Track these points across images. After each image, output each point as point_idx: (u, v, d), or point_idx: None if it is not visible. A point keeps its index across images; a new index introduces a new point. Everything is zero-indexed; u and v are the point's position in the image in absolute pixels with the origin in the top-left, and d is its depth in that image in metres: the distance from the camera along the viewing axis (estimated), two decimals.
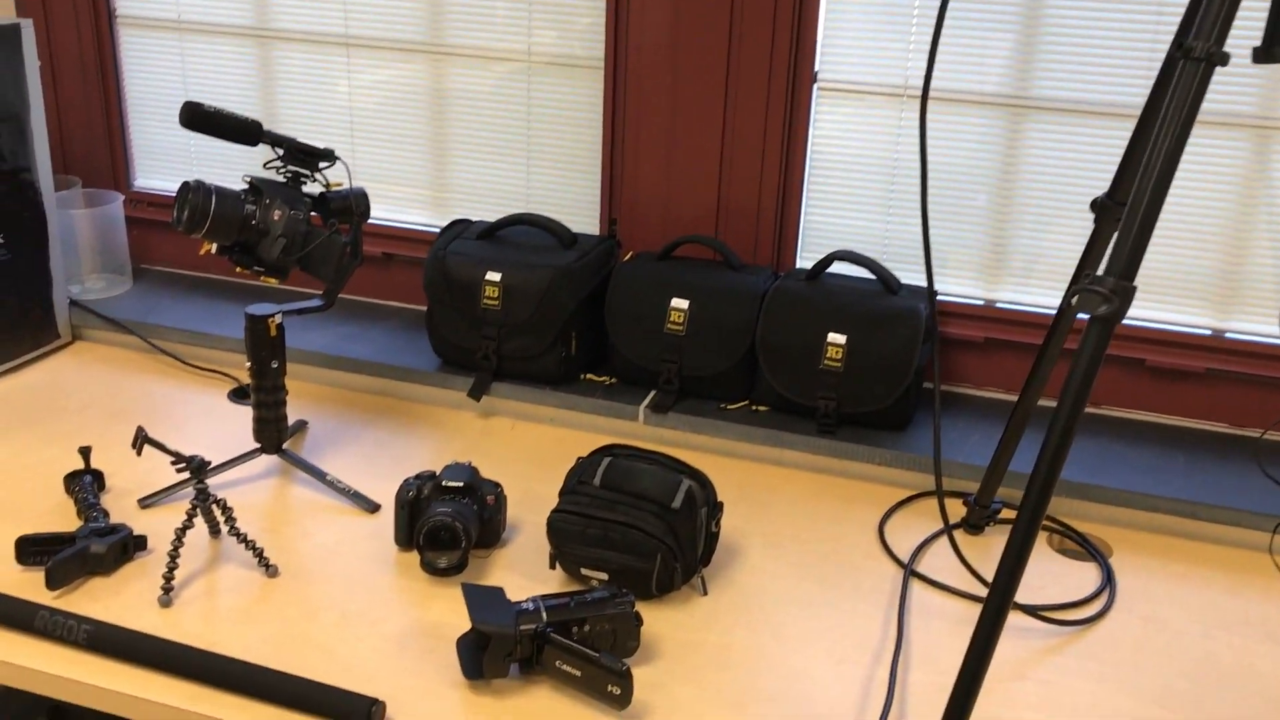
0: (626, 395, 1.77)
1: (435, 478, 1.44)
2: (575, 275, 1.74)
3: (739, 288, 1.71)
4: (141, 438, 1.29)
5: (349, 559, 1.43)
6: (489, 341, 1.76)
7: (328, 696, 1.14)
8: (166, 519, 1.49)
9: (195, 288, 2.11)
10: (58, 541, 1.36)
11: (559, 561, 1.37)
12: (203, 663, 1.18)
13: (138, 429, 1.30)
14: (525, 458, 1.69)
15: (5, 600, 1.25)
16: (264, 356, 1.52)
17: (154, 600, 1.32)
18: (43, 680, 1.21)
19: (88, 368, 1.91)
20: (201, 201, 1.38)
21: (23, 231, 1.84)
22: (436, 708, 1.18)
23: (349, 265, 1.50)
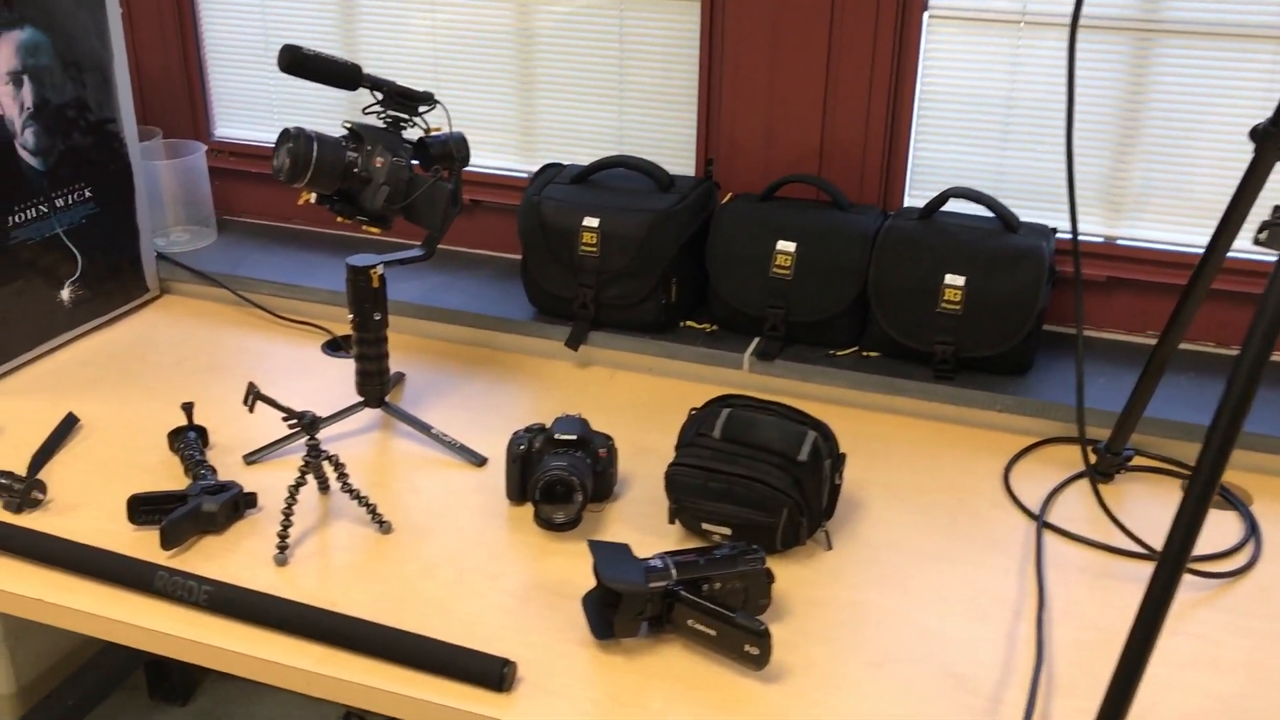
0: (729, 343, 1.71)
1: (546, 431, 1.39)
2: (675, 219, 1.67)
3: (848, 228, 1.64)
4: (254, 394, 1.26)
5: (460, 514, 1.39)
6: (586, 289, 1.70)
7: (458, 657, 1.11)
8: (272, 475, 1.46)
9: (281, 239, 2.07)
10: (169, 500, 1.34)
11: (678, 516, 1.32)
12: (329, 623, 1.15)
13: (249, 385, 1.27)
14: (627, 408, 1.64)
15: (123, 561, 1.23)
16: (366, 309, 1.48)
17: (269, 559, 1.30)
18: (162, 640, 1.19)
19: (178, 322, 1.88)
20: (303, 149, 1.33)
21: (109, 184, 1.81)
22: (565, 667, 1.14)
23: (452, 213, 1.45)
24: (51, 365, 1.73)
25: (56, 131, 1.69)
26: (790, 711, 1.10)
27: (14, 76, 1.61)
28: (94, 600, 1.23)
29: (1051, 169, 1.69)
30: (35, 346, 1.73)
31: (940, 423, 1.61)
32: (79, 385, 1.67)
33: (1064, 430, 1.57)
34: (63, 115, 1.70)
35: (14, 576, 1.26)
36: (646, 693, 1.11)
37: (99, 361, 1.75)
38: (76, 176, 1.75)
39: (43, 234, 1.70)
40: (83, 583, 1.25)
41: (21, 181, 1.65)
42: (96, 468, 1.47)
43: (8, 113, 1.61)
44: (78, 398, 1.64)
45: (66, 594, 1.23)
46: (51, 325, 1.75)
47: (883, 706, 1.11)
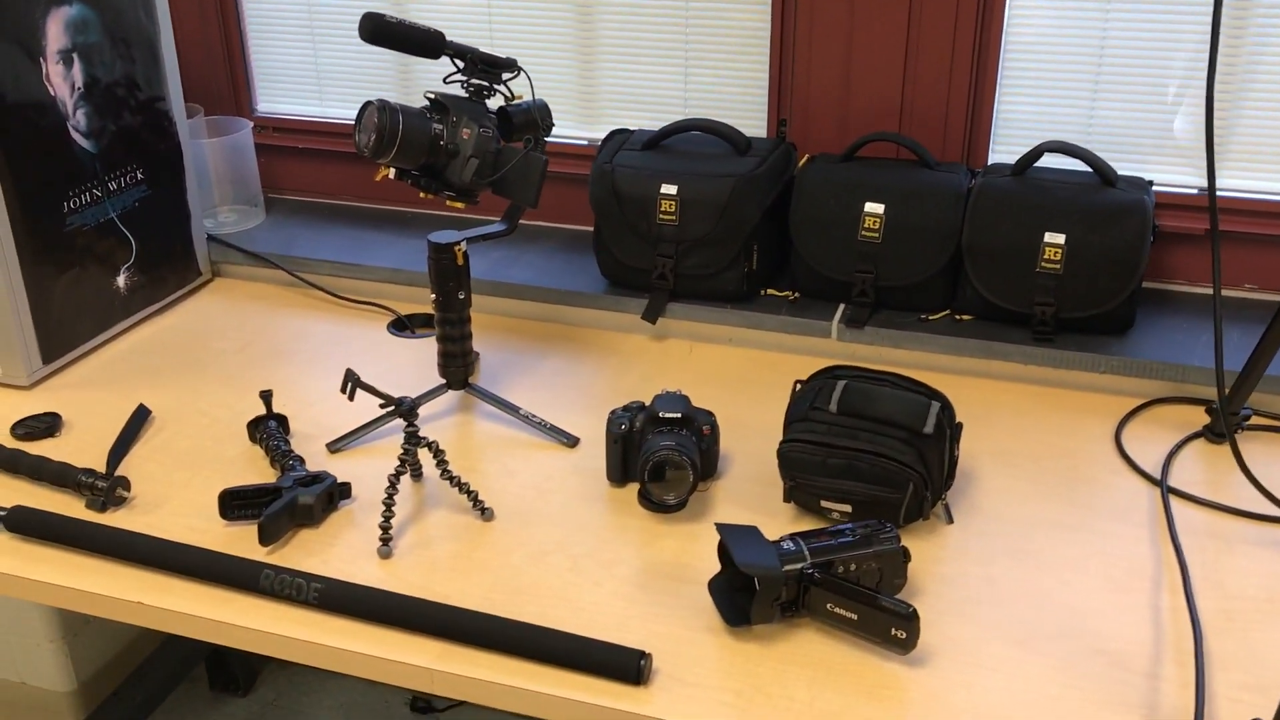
0: (813, 310, 1.65)
1: (646, 409, 1.34)
2: (758, 183, 1.61)
3: (938, 188, 1.58)
4: (353, 381, 1.20)
5: (560, 497, 1.34)
6: (665, 260, 1.64)
7: (592, 650, 1.06)
8: (359, 463, 1.41)
9: (332, 216, 2.01)
10: (262, 494, 1.28)
11: (794, 494, 1.27)
12: (450, 618, 1.10)
13: (348, 372, 1.21)
14: (711, 381, 1.59)
15: (227, 560, 1.18)
16: (450, 287, 1.42)
17: (370, 552, 1.24)
18: (272, 642, 1.14)
19: (234, 306, 1.82)
20: (389, 122, 1.26)
21: (160, 165, 1.74)
22: (698, 656, 1.09)
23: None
24: (111, 355, 1.67)
25: (107, 112, 1.63)
26: (941, 695, 1.05)
27: (64, 55, 1.54)
28: (195, 602, 1.17)
29: (1143, 119, 1.63)
30: (94, 336, 1.67)
31: (1040, 386, 1.56)
32: (143, 375, 1.61)
33: (1171, 390, 1.52)
34: (113, 94, 1.63)
35: (110, 579, 1.20)
36: (788, 680, 1.07)
37: (160, 350, 1.69)
38: (128, 158, 1.68)
39: (97, 219, 1.63)
40: (181, 583, 1.20)
41: (76, 165, 1.58)
42: (176, 461, 1.41)
43: (59, 93, 1.54)
44: (143, 388, 1.58)
45: (167, 596, 1.18)
46: (109, 314, 1.69)
47: (1037, 687, 1.06)
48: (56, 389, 1.58)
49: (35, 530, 1.24)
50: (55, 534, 1.23)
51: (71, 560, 1.24)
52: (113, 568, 1.22)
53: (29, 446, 1.43)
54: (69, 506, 1.32)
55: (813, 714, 1.03)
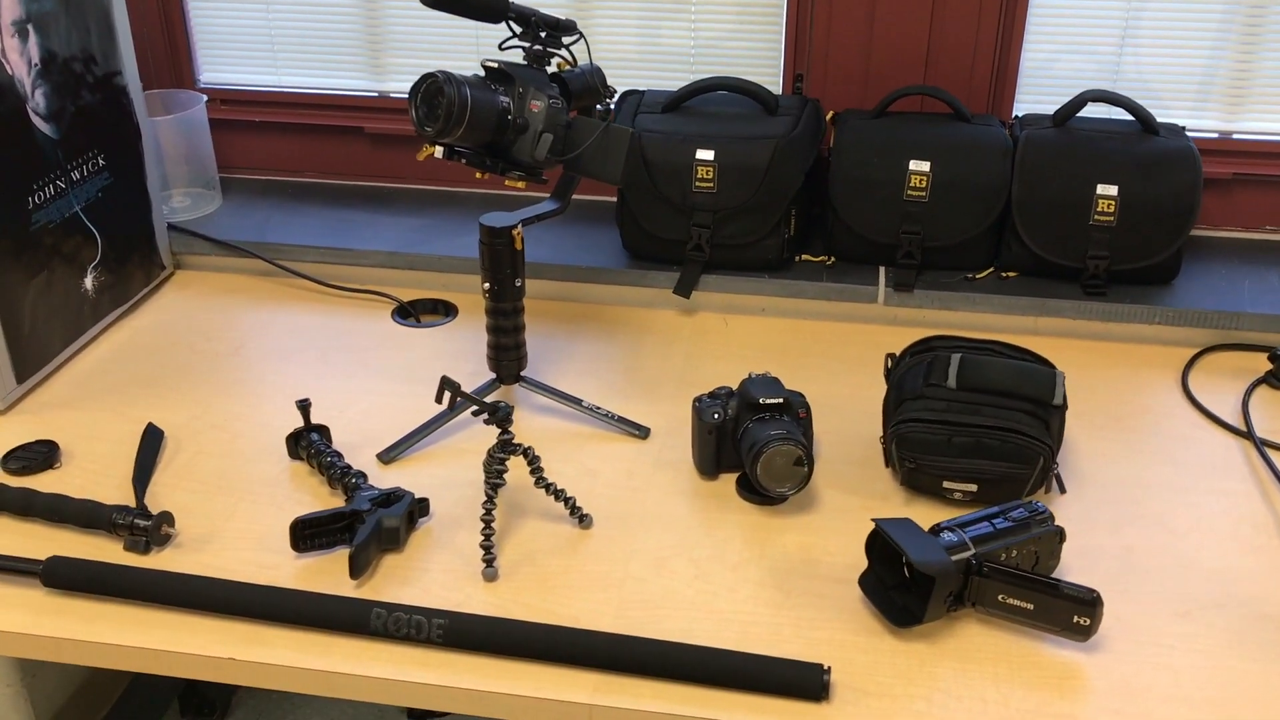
0: (855, 275, 1.58)
1: (736, 395, 1.25)
2: (798, 145, 1.52)
3: (983, 143, 1.53)
4: (451, 389, 1.07)
5: (654, 495, 1.24)
6: (701, 230, 1.55)
7: (769, 669, 0.98)
8: (415, 472, 1.28)
9: (299, 196, 1.82)
10: (336, 520, 1.14)
11: (914, 477, 1.21)
12: (606, 647, 1.00)
13: (444, 379, 1.07)
14: (757, 356, 1.50)
15: (329, 602, 1.04)
16: (507, 275, 1.29)
17: (473, 574, 1.12)
18: (394, 690, 1.01)
19: (209, 301, 1.64)
20: (458, 96, 1.12)
21: (120, 149, 1.54)
22: (868, 663, 1.02)
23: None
24: (87, 367, 1.47)
25: (66, 91, 1.42)
26: (1132, 679, 1.01)
27: (19, 26, 1.33)
28: (295, 652, 1.03)
29: (1173, 64, 1.61)
30: (65, 347, 1.47)
31: (1090, 341, 1.53)
32: (132, 388, 1.43)
33: (1220, 338, 1.52)
34: (70, 70, 1.42)
35: (185, 633, 1.05)
36: (971, 680, 1.01)
37: (140, 357, 1.50)
38: (90, 143, 1.47)
39: (62, 214, 1.43)
40: (271, 631, 1.05)
41: (37, 154, 1.38)
42: (208, 487, 1.25)
43: (16, 72, 1.33)
44: (140, 404, 1.40)
45: (260, 648, 1.03)
46: (79, 320, 1.49)
47: (1219, 661, 1.03)
48: (37, 411, 1.38)
49: (82, 583, 1.07)
50: (108, 586, 1.07)
51: (127, 615, 1.07)
52: (181, 619, 1.07)
53: (27, 481, 1.25)
54: (102, 550, 1.15)
55: (1008, 714, 0.98)
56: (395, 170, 1.83)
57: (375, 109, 1.82)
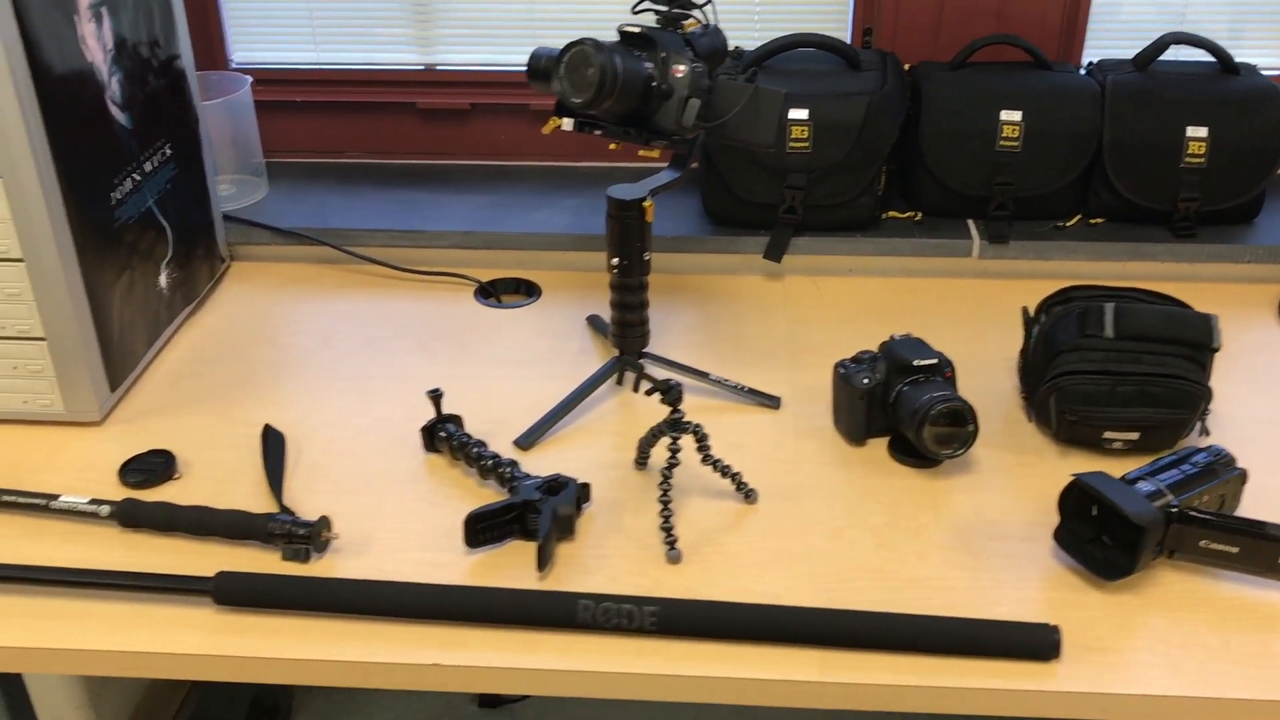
0: (945, 230, 1.57)
1: (882, 358, 1.23)
2: (890, 100, 1.50)
3: (1071, 90, 1.52)
4: (633, 370, 1.03)
5: (808, 466, 1.22)
6: (795, 191, 1.52)
7: (999, 633, 0.96)
8: (554, 456, 1.23)
9: (345, 178, 1.74)
10: (505, 512, 1.10)
11: (1076, 428, 1.20)
12: (830, 623, 0.97)
13: (622, 360, 1.03)
14: (858, 318, 1.48)
15: (534, 598, 1.00)
16: (636, 249, 1.25)
17: (652, 558, 1.09)
18: (609, 682, 0.98)
19: (277, 293, 1.56)
20: (608, 63, 1.07)
21: (182, 137, 1.45)
22: (1083, 618, 1.01)
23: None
24: (170, 370, 1.39)
25: (137, 77, 1.33)
26: None
27: (94, 11, 1.23)
28: (499, 651, 0.98)
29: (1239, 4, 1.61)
30: (147, 350, 1.39)
31: (1179, 282, 1.54)
32: (227, 390, 1.35)
33: None
34: (139, 55, 1.33)
35: (379, 643, 1.00)
36: (1188, 628, 1.00)
37: (226, 355, 1.42)
38: (158, 132, 1.38)
39: (139, 209, 1.34)
40: (471, 633, 1.00)
41: (116, 145, 1.29)
42: (346, 487, 1.19)
43: (94, 58, 1.24)
44: (242, 406, 1.32)
45: (463, 651, 0.99)
46: (157, 321, 1.40)
47: None
48: (134, 420, 1.31)
49: (258, 598, 1.01)
50: (286, 599, 1.01)
51: (307, 627, 1.02)
52: (367, 628, 1.01)
53: (148, 494, 1.18)
54: (257, 562, 1.09)
55: (1234, 658, 0.98)
56: (448, 146, 1.77)
57: (425, 83, 1.74)
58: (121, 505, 1.11)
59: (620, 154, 1.75)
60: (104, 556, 1.10)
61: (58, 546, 1.11)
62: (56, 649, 1.01)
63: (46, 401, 1.27)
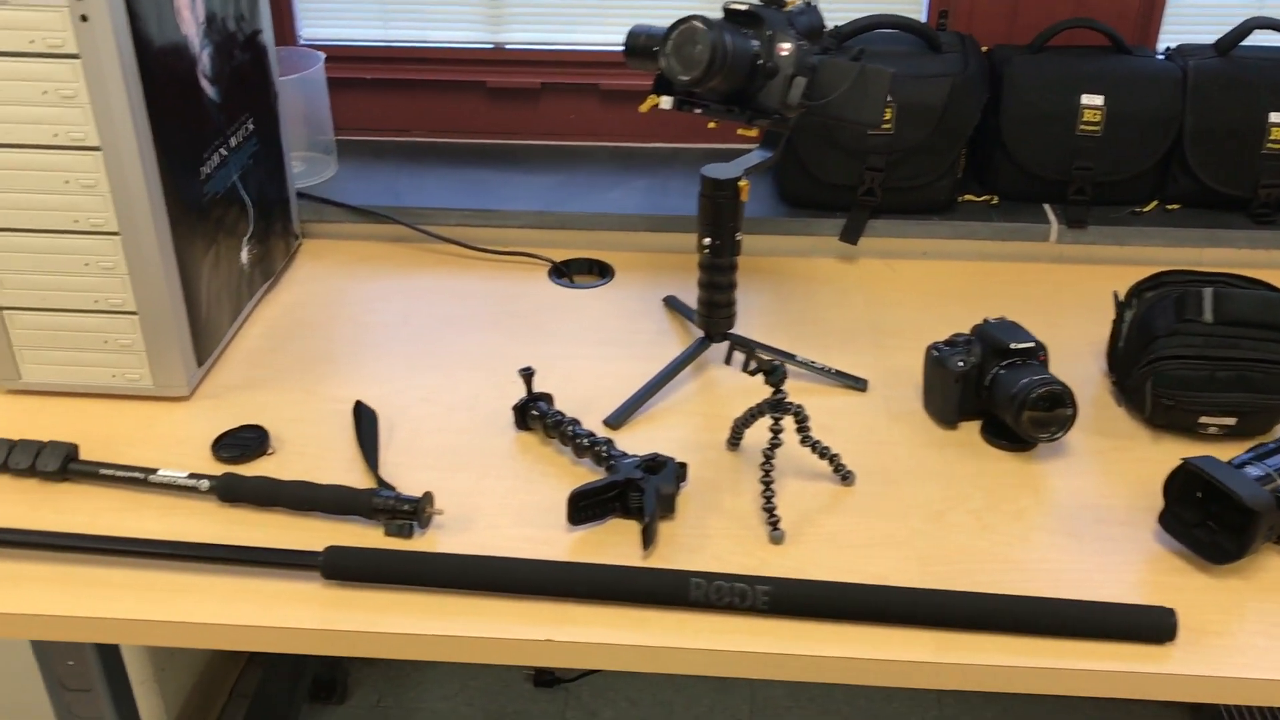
0: (1022, 214, 1.56)
1: (975, 341, 1.23)
2: (973, 82, 1.49)
3: (1153, 74, 1.51)
4: (744, 349, 1.03)
5: (902, 448, 1.22)
6: (874, 173, 1.51)
7: (1116, 616, 0.97)
8: (643, 435, 1.23)
9: (413, 157, 1.74)
10: (609, 489, 1.10)
11: (1169, 414, 1.20)
12: (944, 604, 0.97)
13: (733, 339, 1.03)
14: (936, 301, 1.48)
15: (646, 575, 1.00)
16: (729, 228, 1.24)
17: (754, 538, 1.09)
18: (720, 660, 0.98)
19: (351, 270, 1.56)
20: (718, 40, 1.07)
21: (263, 112, 1.45)
22: (1192, 601, 1.01)
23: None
24: (252, 346, 1.39)
25: (224, 51, 1.32)
26: None
27: None
28: (611, 629, 0.99)
29: None
30: (230, 325, 1.39)
31: (1256, 269, 1.52)
32: (312, 365, 1.35)
33: None
34: (226, 29, 1.33)
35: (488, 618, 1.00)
36: None
37: (305, 331, 1.42)
38: (242, 107, 1.38)
39: (225, 184, 1.34)
40: (580, 609, 1.01)
41: (207, 119, 1.29)
42: (440, 463, 1.19)
43: (188, 30, 1.23)
44: (327, 382, 1.32)
45: (575, 627, 0.98)
46: (238, 296, 1.40)
47: None
48: (220, 395, 1.30)
49: (368, 573, 1.01)
50: (397, 574, 1.01)
51: (415, 603, 1.01)
52: (475, 604, 1.01)
53: (242, 469, 1.18)
54: (359, 537, 1.09)
55: None
56: (516, 126, 1.76)
57: (493, 61, 1.74)
58: (222, 479, 1.11)
59: (688, 134, 1.75)
60: (203, 530, 1.10)
61: (158, 520, 1.12)
62: (165, 621, 1.01)
63: (135, 376, 1.27)
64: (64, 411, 1.27)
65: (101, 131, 1.13)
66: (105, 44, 1.09)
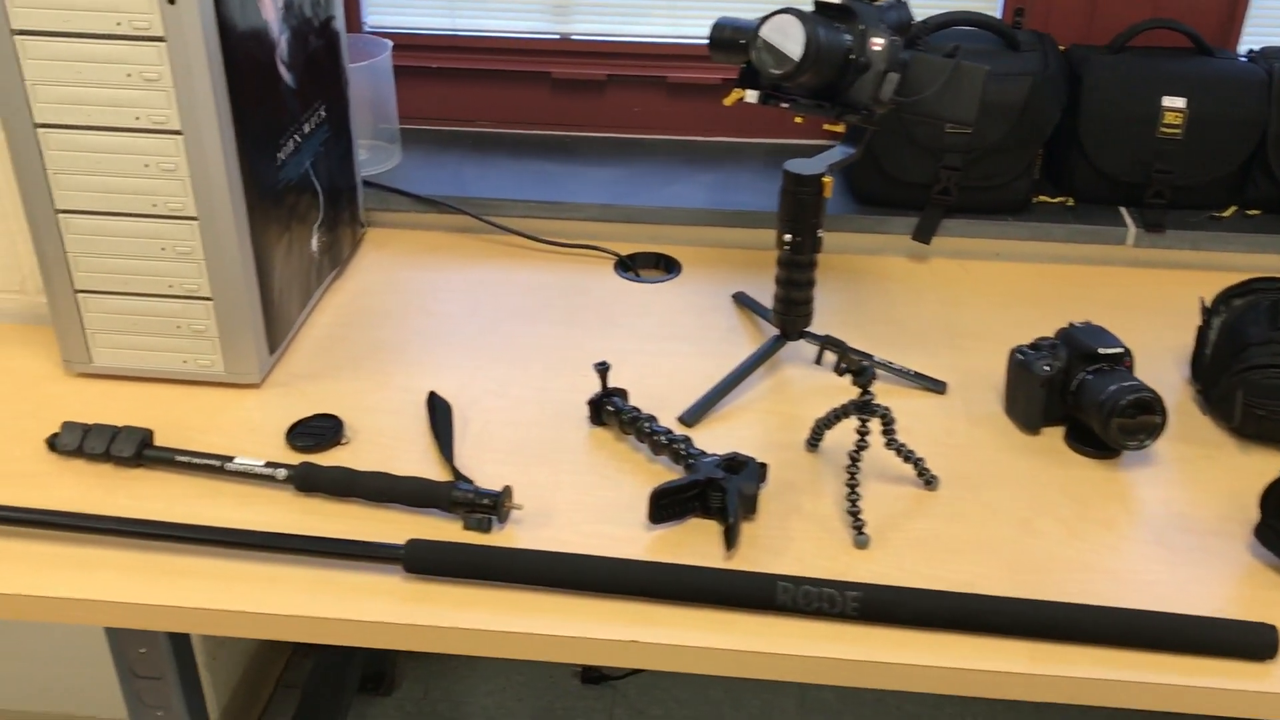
0: (1098, 216, 1.54)
1: (1061, 345, 1.20)
2: (1054, 81, 1.47)
3: (1236, 77, 1.48)
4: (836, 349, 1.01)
5: (982, 453, 1.19)
6: (951, 172, 1.49)
7: (1211, 630, 0.94)
8: (718, 434, 1.22)
9: (477, 147, 1.72)
10: (690, 488, 1.08)
11: (1263, 423, 1.17)
12: (1038, 615, 0.95)
13: (826, 339, 1.01)
14: (1012, 303, 1.45)
15: (732, 577, 0.98)
16: (810, 225, 1.22)
17: (836, 541, 1.07)
18: (806, 666, 0.96)
19: (416, 261, 1.54)
20: (814, 33, 1.05)
21: (335, 98, 1.44)
22: None
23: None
24: (320, 335, 1.38)
25: (300, 36, 1.31)
26: None
27: None
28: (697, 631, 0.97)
29: None
30: (300, 313, 1.38)
31: None
32: (382, 354, 1.34)
33: None
34: (303, 14, 1.32)
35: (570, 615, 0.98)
36: None
37: (373, 320, 1.41)
38: (316, 93, 1.37)
39: (299, 171, 1.33)
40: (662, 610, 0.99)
41: (283, 106, 1.28)
42: (514, 457, 1.17)
43: (268, 16, 1.22)
44: (399, 371, 1.31)
45: (659, 629, 0.97)
46: (307, 286, 1.39)
47: None
48: (291, 383, 1.30)
49: (450, 568, 1.00)
50: (481, 569, 1.00)
51: (497, 599, 1.00)
52: (558, 601, 1.00)
53: (316, 458, 1.17)
54: (437, 530, 1.07)
55: None
56: (580, 118, 1.74)
57: (559, 52, 1.72)
58: (299, 469, 1.10)
59: (753, 129, 1.73)
60: (279, 519, 1.09)
61: (234, 508, 1.11)
62: (244, 612, 1.00)
63: (207, 362, 1.26)
64: (134, 396, 1.27)
65: (183, 116, 1.12)
66: (191, 27, 1.08)
